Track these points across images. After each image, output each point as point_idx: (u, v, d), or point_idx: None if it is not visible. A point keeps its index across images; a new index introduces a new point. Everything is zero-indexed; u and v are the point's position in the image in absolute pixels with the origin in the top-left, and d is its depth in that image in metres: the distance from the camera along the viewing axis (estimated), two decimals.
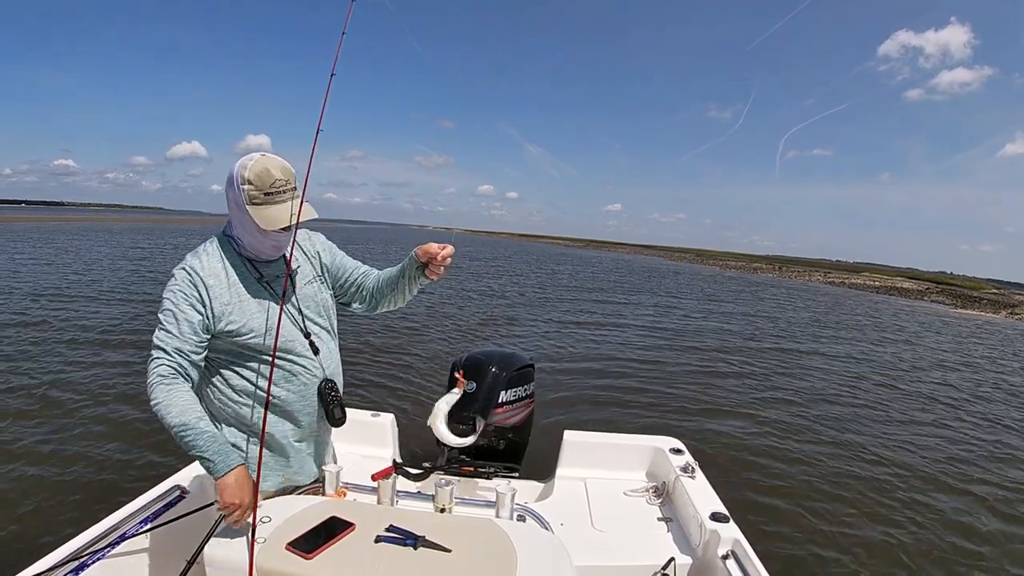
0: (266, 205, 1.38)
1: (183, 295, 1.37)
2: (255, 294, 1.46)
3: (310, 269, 1.62)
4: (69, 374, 5.50)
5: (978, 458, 5.24)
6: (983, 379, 9.35)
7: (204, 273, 1.40)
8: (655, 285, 24.27)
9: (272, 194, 1.38)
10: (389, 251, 31.95)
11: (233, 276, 1.44)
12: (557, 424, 3.39)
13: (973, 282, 60.59)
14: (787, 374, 8.14)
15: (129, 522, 1.66)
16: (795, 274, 51.11)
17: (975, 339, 15.57)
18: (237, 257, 1.47)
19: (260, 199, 1.38)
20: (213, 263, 1.43)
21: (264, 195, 1.38)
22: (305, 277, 1.59)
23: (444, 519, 1.48)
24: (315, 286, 1.61)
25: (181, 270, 1.41)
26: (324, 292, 1.63)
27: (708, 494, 2.10)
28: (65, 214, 72.92)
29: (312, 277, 1.61)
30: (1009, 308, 29.13)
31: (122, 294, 10.58)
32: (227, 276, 1.43)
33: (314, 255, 1.65)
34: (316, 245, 1.67)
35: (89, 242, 23.96)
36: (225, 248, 1.47)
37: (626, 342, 9.63)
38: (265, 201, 1.38)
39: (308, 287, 1.59)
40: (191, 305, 1.37)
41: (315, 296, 1.60)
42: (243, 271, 1.46)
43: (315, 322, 1.58)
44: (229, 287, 1.42)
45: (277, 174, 1.38)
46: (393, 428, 2.73)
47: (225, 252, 1.47)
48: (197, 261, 1.42)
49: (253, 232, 1.42)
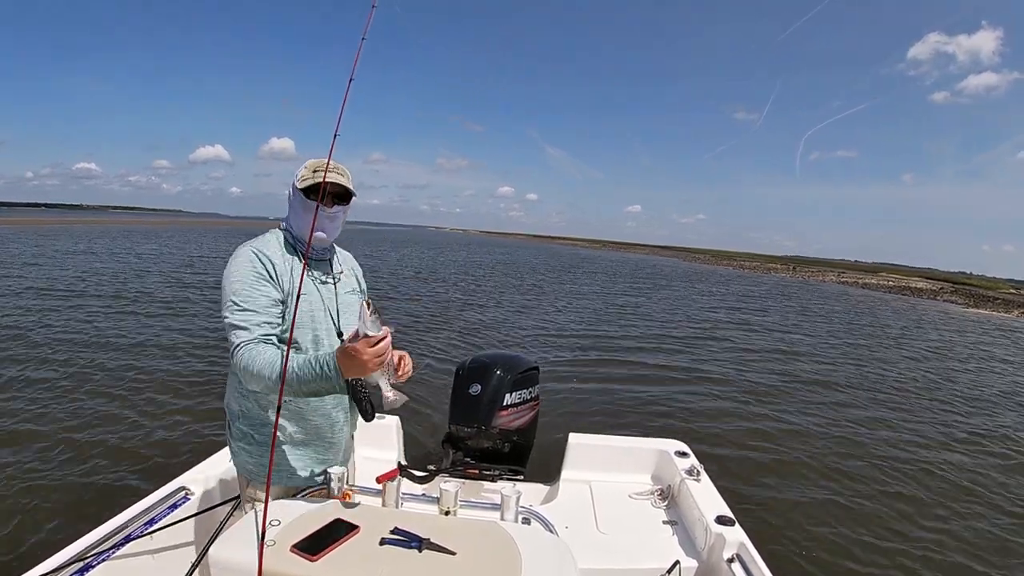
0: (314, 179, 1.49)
1: (255, 273, 1.42)
2: (306, 285, 1.50)
3: (353, 281, 1.71)
4: (72, 374, 5.53)
5: (985, 459, 5.20)
6: (993, 380, 9.29)
7: (270, 253, 1.47)
8: (654, 285, 24.24)
9: (319, 171, 1.49)
10: (404, 257, 31.94)
11: (287, 263, 1.50)
12: (562, 427, 3.38)
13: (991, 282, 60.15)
14: (785, 373, 8.11)
15: (134, 523, 1.67)
16: (809, 274, 50.93)
17: (973, 335, 15.46)
18: (292, 248, 1.54)
19: (308, 176, 1.50)
20: (275, 248, 1.50)
21: (312, 172, 1.51)
22: (347, 286, 1.66)
23: (449, 521, 1.47)
24: (354, 296, 1.68)
25: (245, 250, 1.46)
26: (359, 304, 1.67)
27: (713, 497, 2.09)
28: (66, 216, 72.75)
29: (352, 289, 1.68)
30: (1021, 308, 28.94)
31: (131, 296, 10.63)
32: (286, 262, 1.50)
33: (356, 272, 1.76)
34: (356, 267, 1.79)
35: (79, 244, 24.08)
36: (282, 239, 1.55)
37: (630, 344, 9.61)
38: (312, 177, 1.49)
39: (349, 296, 1.65)
40: (264, 281, 1.43)
41: (353, 305, 1.64)
42: (296, 264, 1.52)
43: (350, 328, 1.59)
44: (288, 272, 1.49)
45: (329, 162, 1.50)
46: (398, 431, 2.74)
47: (283, 242, 1.54)
48: (261, 244, 1.49)
49: (298, 209, 1.51)
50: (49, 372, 5.57)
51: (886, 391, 7.74)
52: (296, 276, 1.49)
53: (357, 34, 1.58)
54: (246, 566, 1.19)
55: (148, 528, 1.67)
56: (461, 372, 2.71)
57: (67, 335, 7.17)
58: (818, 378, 8.14)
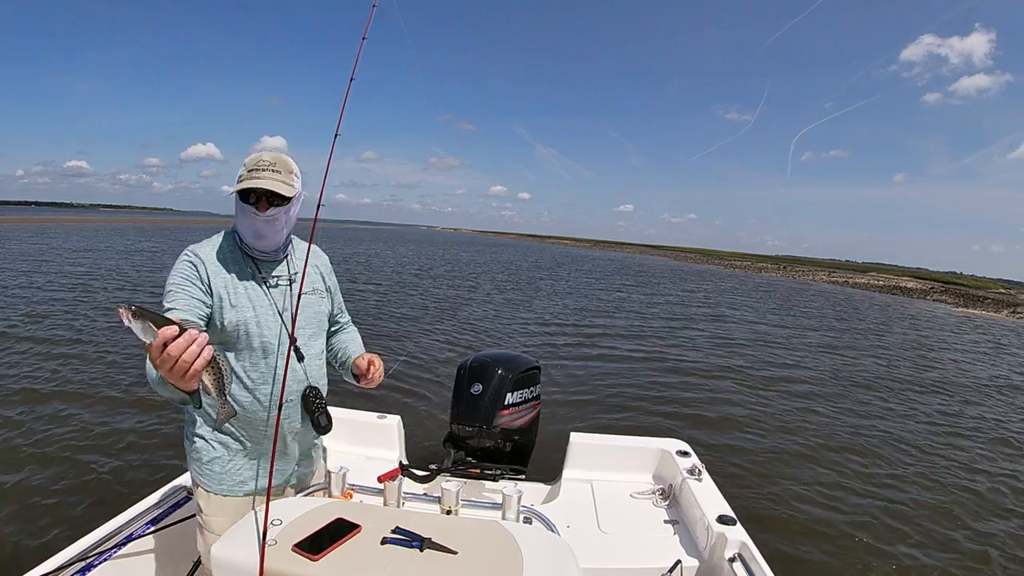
0: (246, 181, 1.41)
1: (184, 276, 1.39)
2: (250, 290, 1.47)
3: (316, 279, 1.63)
4: (73, 374, 5.54)
5: (982, 447, 5.20)
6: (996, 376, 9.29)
7: (205, 259, 1.43)
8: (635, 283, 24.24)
9: (254, 171, 1.42)
10: (400, 254, 31.88)
11: (232, 268, 1.46)
12: (563, 426, 3.38)
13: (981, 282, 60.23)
14: (777, 374, 8.10)
15: (136, 523, 1.67)
16: (799, 273, 50.93)
17: (956, 332, 15.45)
18: (239, 252, 1.49)
19: (244, 175, 1.43)
20: (215, 252, 1.46)
21: (248, 171, 1.43)
22: (307, 286, 1.58)
23: (450, 521, 1.47)
24: (315, 296, 1.61)
25: (184, 255, 1.44)
26: (323, 305, 1.64)
27: (715, 496, 2.09)
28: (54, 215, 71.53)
29: (313, 288, 1.61)
30: (1011, 307, 28.90)
31: (130, 292, 10.65)
32: (226, 267, 1.45)
33: (320, 269, 1.67)
34: (323, 264, 1.70)
35: (52, 243, 24.12)
36: (229, 242, 1.50)
37: (632, 345, 9.61)
38: (246, 177, 1.42)
39: (309, 296, 1.58)
40: (193, 284, 1.39)
41: (313, 306, 1.59)
42: (243, 267, 1.48)
43: (305, 330, 1.56)
44: (227, 278, 1.44)
45: (266, 158, 1.43)
46: (399, 430, 2.74)
47: (228, 246, 1.49)
48: (200, 248, 1.45)
49: (238, 212, 1.46)
50: (49, 371, 5.58)
51: (883, 390, 7.74)
52: (240, 278, 1.46)
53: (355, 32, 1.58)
54: (248, 565, 1.19)
55: (150, 528, 1.67)
56: (462, 371, 2.70)
57: (67, 332, 7.19)
58: (820, 378, 8.14)
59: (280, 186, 1.42)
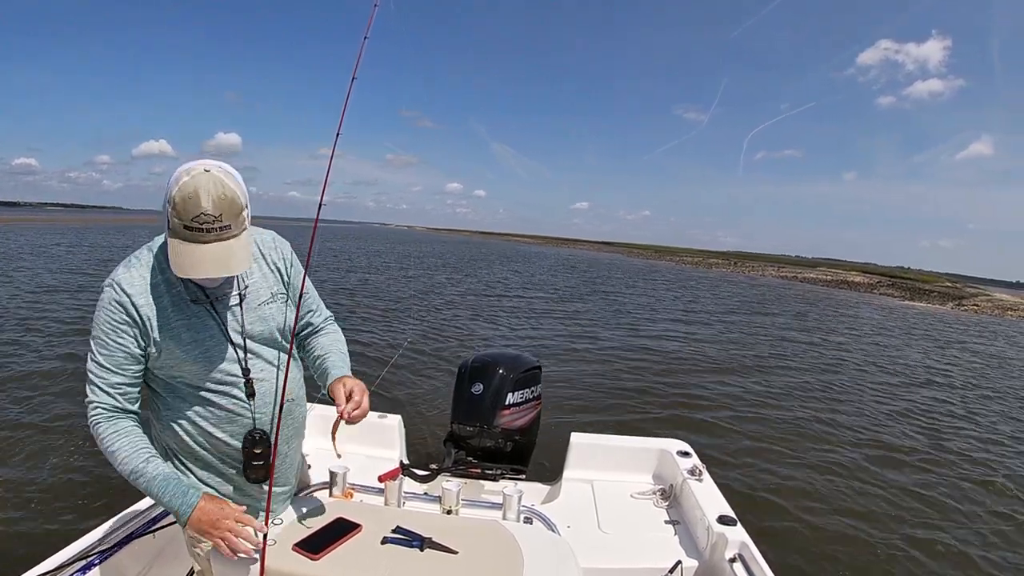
0: (182, 241, 1.11)
1: (112, 321, 1.17)
2: (188, 319, 1.22)
3: (271, 284, 1.34)
4: (71, 371, 5.53)
5: (986, 451, 5.19)
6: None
7: (133, 291, 1.18)
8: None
9: (192, 230, 1.09)
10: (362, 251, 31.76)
11: (164, 295, 1.21)
12: (564, 426, 3.37)
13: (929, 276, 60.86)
14: (775, 374, 8.10)
15: (136, 522, 1.67)
16: (749, 269, 50.66)
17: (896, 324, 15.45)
18: (171, 273, 1.17)
19: (179, 231, 1.11)
20: (143, 276, 1.20)
21: (183, 227, 1.10)
22: (260, 298, 1.31)
23: (451, 521, 1.48)
24: (272, 307, 1.32)
25: (109, 287, 1.19)
26: (284, 313, 1.34)
27: (715, 497, 2.09)
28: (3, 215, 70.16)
29: (269, 297, 1.32)
30: (956, 300, 28.95)
31: None
32: (158, 298, 1.20)
33: (277, 265, 1.37)
34: (284, 255, 1.38)
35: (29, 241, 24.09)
36: (160, 259, 1.22)
37: (633, 345, 9.60)
38: (182, 236, 1.10)
39: (263, 308, 1.31)
40: (123, 329, 1.18)
41: (270, 319, 1.31)
42: (178, 290, 1.22)
43: (260, 355, 1.31)
44: (158, 308, 1.20)
45: (206, 205, 1.08)
46: (400, 429, 2.74)
47: (160, 264, 1.22)
48: (127, 274, 1.20)
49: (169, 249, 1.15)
50: (48, 370, 5.58)
51: (874, 390, 7.74)
52: (175, 308, 1.21)
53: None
54: (247, 565, 1.19)
55: (151, 527, 1.67)
56: (463, 371, 2.70)
57: (65, 328, 7.19)
58: (820, 378, 8.13)
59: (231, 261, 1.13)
